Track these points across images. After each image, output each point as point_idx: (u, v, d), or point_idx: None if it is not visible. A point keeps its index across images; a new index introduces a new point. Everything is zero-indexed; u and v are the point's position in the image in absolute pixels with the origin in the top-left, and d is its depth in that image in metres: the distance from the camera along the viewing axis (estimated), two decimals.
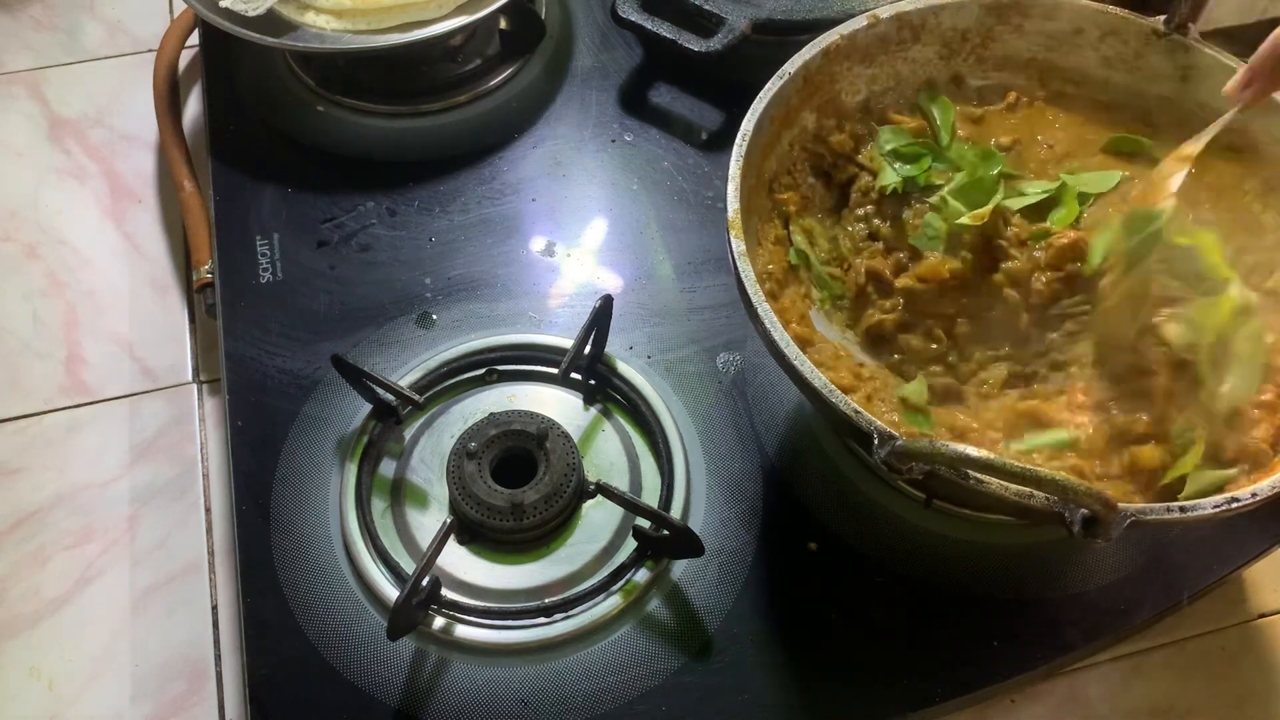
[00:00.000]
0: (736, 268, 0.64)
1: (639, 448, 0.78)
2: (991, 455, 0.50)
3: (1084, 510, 0.52)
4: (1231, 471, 0.62)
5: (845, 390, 0.63)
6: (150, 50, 1.09)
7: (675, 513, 0.73)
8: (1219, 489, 0.60)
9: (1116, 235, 0.68)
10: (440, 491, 0.74)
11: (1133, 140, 0.77)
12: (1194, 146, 0.69)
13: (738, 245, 0.65)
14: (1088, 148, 0.77)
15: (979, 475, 0.55)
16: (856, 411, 0.58)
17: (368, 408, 0.77)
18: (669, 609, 0.71)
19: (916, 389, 0.70)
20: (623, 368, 0.79)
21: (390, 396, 0.76)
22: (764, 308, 0.62)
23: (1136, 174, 0.74)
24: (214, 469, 0.85)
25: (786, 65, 0.73)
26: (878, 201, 0.76)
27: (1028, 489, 0.54)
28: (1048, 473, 0.50)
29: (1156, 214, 0.66)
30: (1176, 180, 0.67)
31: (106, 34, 1.14)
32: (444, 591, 0.70)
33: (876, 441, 0.56)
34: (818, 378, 0.60)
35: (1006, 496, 0.55)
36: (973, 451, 0.51)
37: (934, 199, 0.74)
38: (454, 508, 0.72)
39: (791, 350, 0.61)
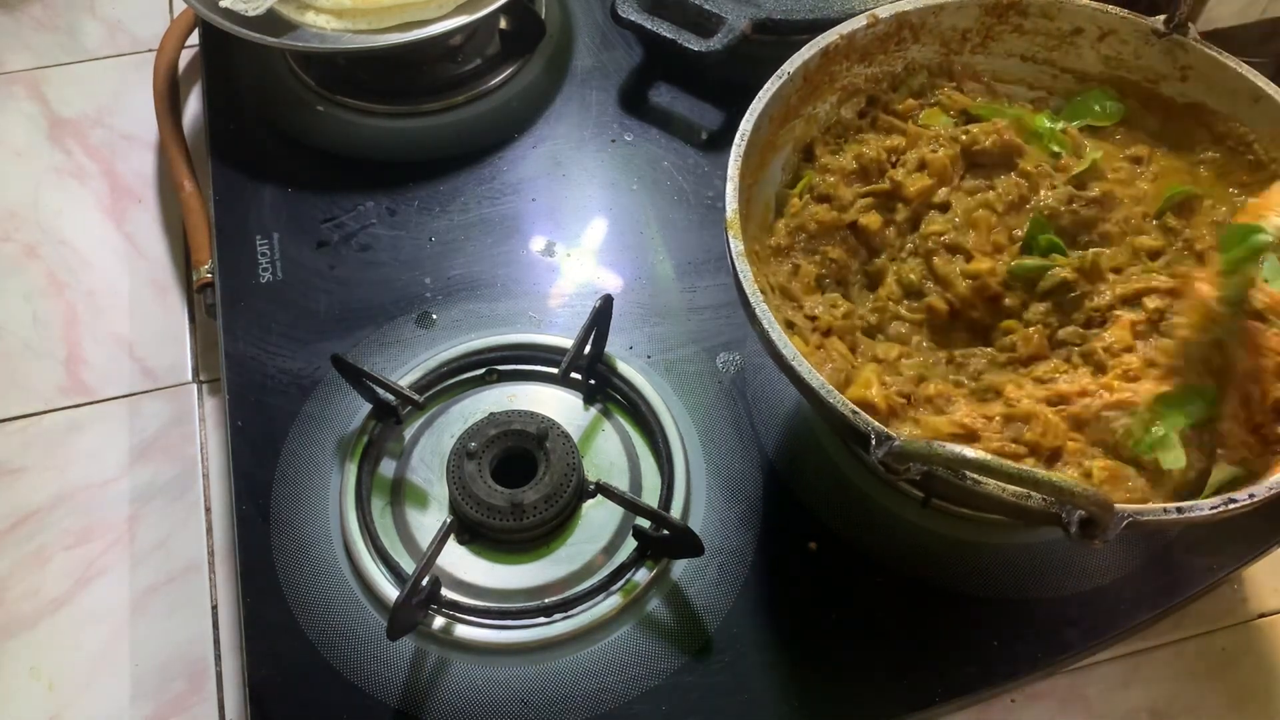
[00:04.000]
0: (735, 268, 0.64)
1: (639, 448, 0.78)
2: (988, 456, 0.50)
3: (1081, 511, 0.52)
4: (1231, 472, 0.62)
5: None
6: (150, 50, 1.09)
7: (675, 513, 0.73)
8: (1217, 490, 0.60)
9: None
10: (440, 491, 0.74)
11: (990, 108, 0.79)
12: None
13: (736, 246, 0.65)
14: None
15: (976, 476, 0.55)
16: (854, 412, 0.58)
17: (368, 408, 0.77)
18: (669, 609, 0.71)
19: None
20: (623, 368, 0.79)
21: (390, 396, 0.76)
22: (762, 308, 0.62)
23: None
24: (214, 469, 0.85)
25: (785, 65, 0.73)
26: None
27: (1025, 490, 0.54)
28: (1044, 474, 0.50)
29: (1259, 231, 0.62)
30: None
31: (106, 34, 1.14)
32: (444, 591, 0.70)
33: (874, 442, 0.56)
34: (815, 378, 0.60)
35: (1004, 498, 0.55)
36: (969, 452, 0.51)
37: None
38: (454, 507, 0.72)
39: (789, 351, 0.61)
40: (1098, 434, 0.64)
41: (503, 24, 1.01)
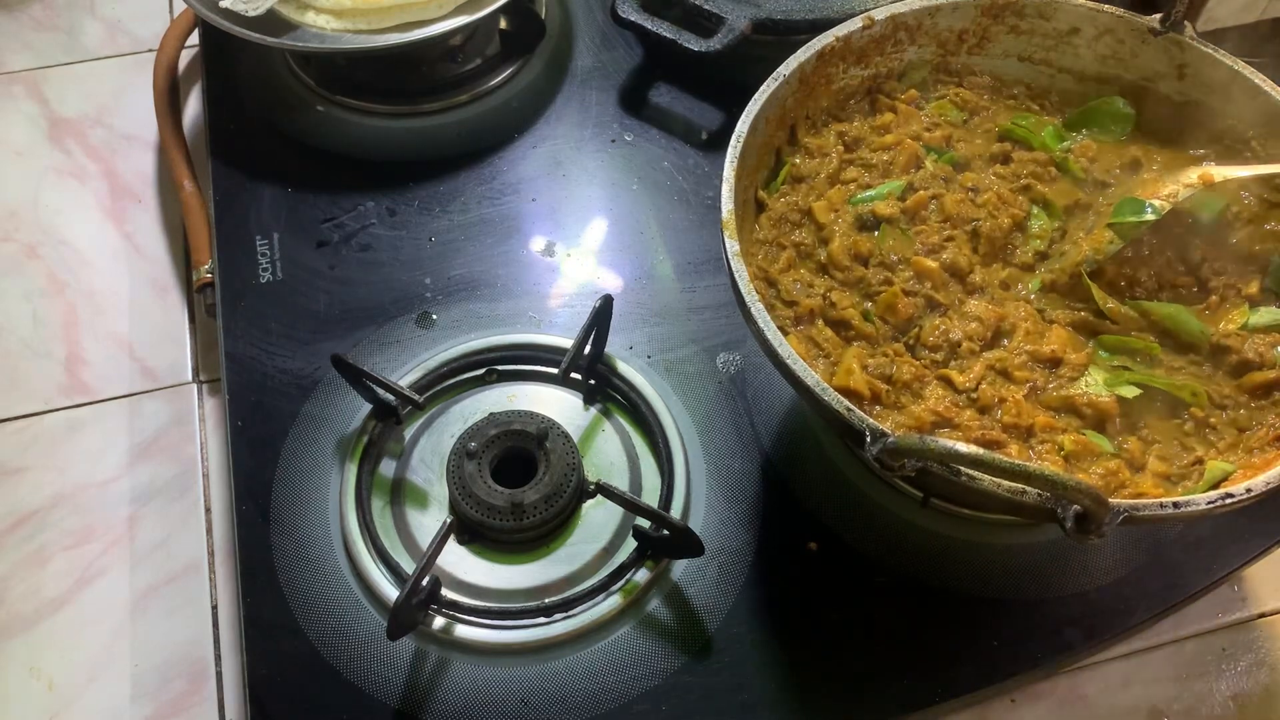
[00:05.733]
0: (731, 268, 0.65)
1: (639, 448, 0.78)
2: (980, 450, 0.50)
3: (1076, 506, 0.52)
4: (1229, 467, 0.62)
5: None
6: (150, 50, 1.09)
7: (675, 513, 0.73)
8: (1215, 485, 0.60)
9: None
10: (440, 491, 0.74)
11: (1023, 127, 0.79)
12: (1224, 172, 0.71)
13: (732, 246, 0.65)
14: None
15: (970, 471, 0.55)
16: (849, 409, 0.58)
17: (368, 408, 0.77)
18: (669, 609, 0.71)
19: None
20: (623, 368, 0.79)
21: (390, 396, 0.76)
22: (758, 308, 0.62)
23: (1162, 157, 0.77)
24: (214, 469, 0.85)
25: (781, 68, 0.73)
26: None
27: (1019, 485, 0.54)
28: (1038, 468, 0.50)
29: (1145, 211, 0.71)
30: (1183, 193, 0.71)
31: (106, 34, 1.14)
32: (444, 591, 0.70)
33: (869, 438, 0.56)
34: (810, 376, 0.60)
35: (999, 493, 0.55)
36: (962, 447, 0.51)
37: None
38: (454, 508, 0.72)
39: (785, 349, 0.61)
40: (1057, 400, 0.66)
41: (503, 24, 1.01)
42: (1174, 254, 0.73)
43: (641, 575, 0.71)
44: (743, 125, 0.70)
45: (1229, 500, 0.56)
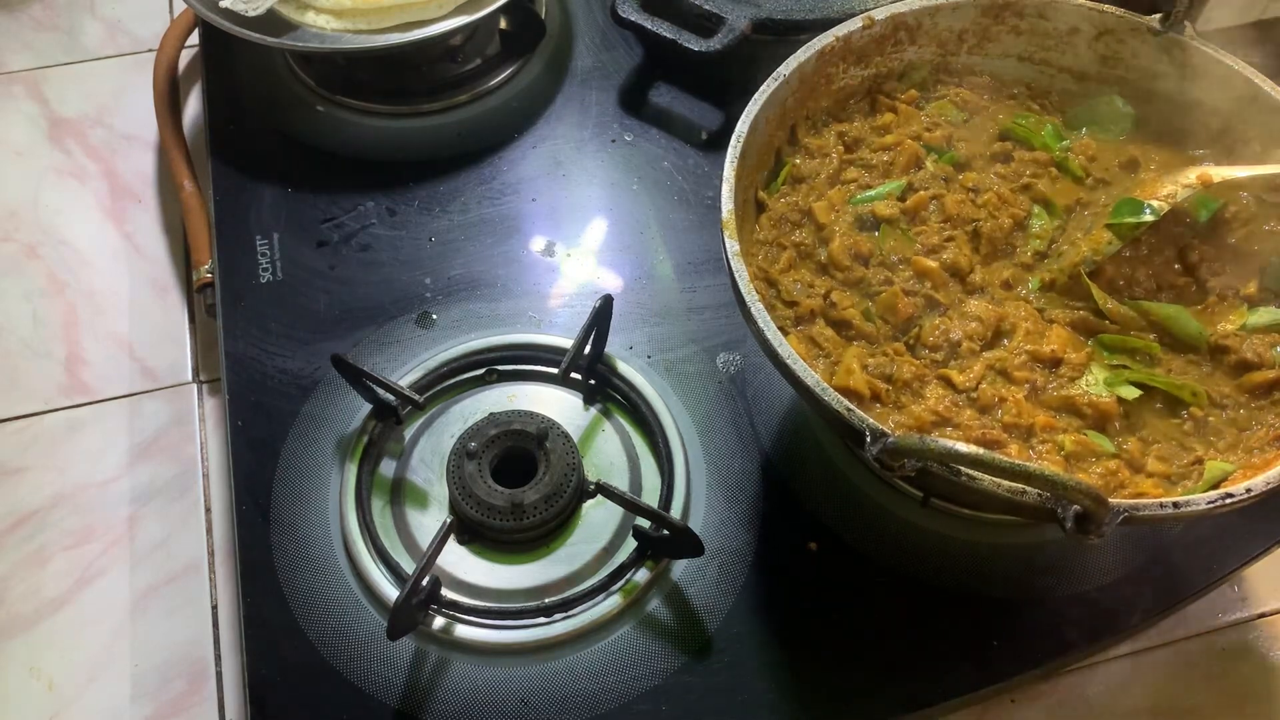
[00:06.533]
0: (731, 268, 0.65)
1: (639, 448, 0.78)
2: (981, 451, 0.51)
3: (1076, 506, 0.52)
4: (1229, 467, 0.62)
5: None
6: (150, 50, 1.09)
7: (675, 513, 0.73)
8: (1215, 485, 0.60)
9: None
10: (440, 491, 0.74)
11: (1024, 126, 0.79)
12: (1223, 173, 0.72)
13: (732, 246, 0.65)
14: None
15: (970, 471, 0.55)
16: (849, 409, 0.58)
17: (368, 408, 0.77)
18: (669, 609, 0.71)
19: None
20: (623, 368, 0.79)
21: (390, 396, 0.76)
22: (758, 308, 0.63)
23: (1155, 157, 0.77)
24: (214, 469, 0.85)
25: (781, 67, 0.73)
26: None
27: (1019, 485, 0.54)
28: (1038, 468, 0.50)
29: (1143, 212, 0.71)
30: (1181, 194, 0.71)
31: (106, 34, 1.14)
32: (444, 591, 0.70)
33: (869, 438, 0.56)
34: (810, 376, 0.60)
35: (999, 493, 0.55)
36: (962, 447, 0.51)
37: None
38: (454, 507, 0.72)
39: (785, 349, 0.61)
40: (1058, 400, 0.66)
41: (503, 24, 1.01)
42: (1173, 254, 0.73)
43: (641, 575, 0.71)
44: (743, 125, 0.70)
45: (1229, 500, 0.56)
